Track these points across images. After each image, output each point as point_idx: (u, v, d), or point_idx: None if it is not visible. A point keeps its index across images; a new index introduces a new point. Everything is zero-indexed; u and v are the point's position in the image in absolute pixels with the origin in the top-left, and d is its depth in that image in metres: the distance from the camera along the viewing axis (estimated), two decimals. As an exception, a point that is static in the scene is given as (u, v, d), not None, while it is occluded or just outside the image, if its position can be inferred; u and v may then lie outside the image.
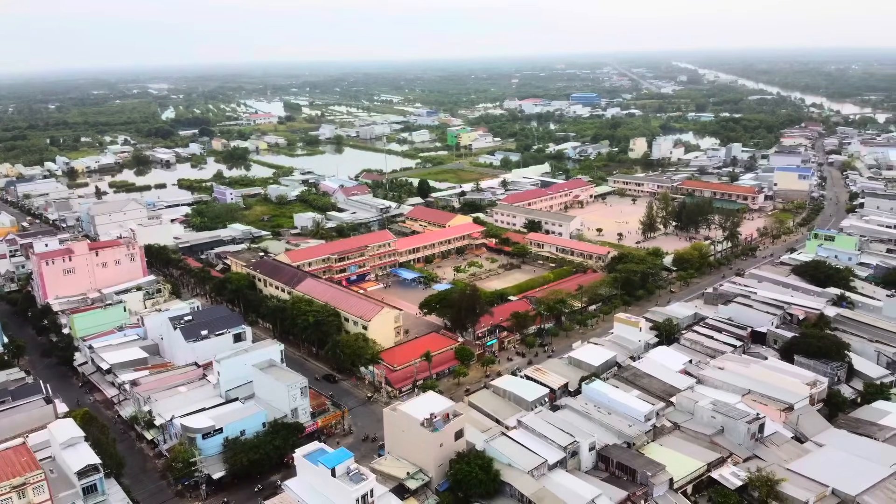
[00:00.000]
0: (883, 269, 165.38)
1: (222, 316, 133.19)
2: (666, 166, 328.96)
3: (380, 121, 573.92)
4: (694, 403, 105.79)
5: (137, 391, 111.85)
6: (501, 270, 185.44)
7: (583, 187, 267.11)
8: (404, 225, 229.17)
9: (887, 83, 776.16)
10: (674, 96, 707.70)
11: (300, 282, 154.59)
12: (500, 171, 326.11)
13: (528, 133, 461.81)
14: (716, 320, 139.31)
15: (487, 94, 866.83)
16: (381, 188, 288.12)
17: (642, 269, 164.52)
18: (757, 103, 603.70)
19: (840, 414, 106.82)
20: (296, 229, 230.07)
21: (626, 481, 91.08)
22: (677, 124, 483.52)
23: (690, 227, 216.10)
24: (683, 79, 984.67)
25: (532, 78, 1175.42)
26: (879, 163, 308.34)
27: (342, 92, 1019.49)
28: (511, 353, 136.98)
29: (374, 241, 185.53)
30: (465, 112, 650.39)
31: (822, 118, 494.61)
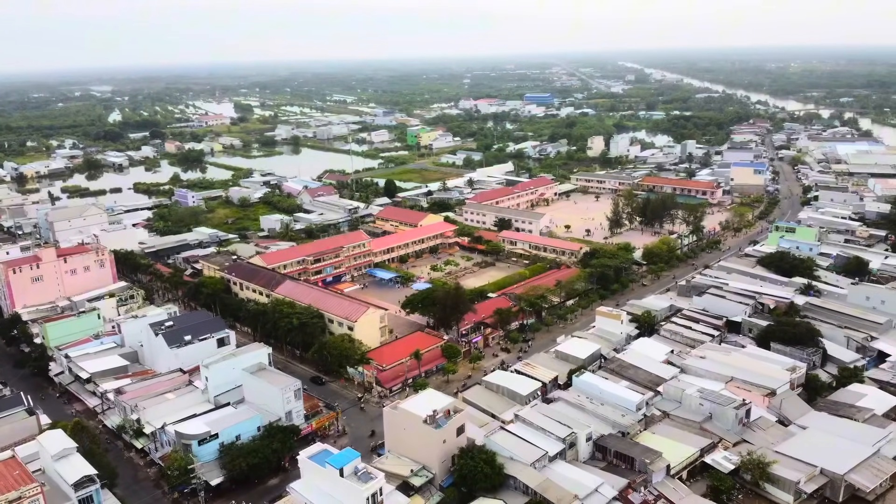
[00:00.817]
0: (843, 259, 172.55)
1: (204, 321, 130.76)
2: (624, 164, 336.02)
3: (336, 121, 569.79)
4: (682, 392, 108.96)
5: (123, 399, 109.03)
6: (477, 268, 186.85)
7: (547, 185, 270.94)
8: (375, 225, 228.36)
9: (827, 80, 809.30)
10: (624, 95, 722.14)
11: (279, 284, 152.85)
12: (463, 171, 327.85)
13: (488, 133, 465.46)
14: (692, 311, 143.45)
15: (441, 94, 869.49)
16: (346, 189, 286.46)
17: (615, 264, 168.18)
18: (705, 101, 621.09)
19: (818, 397, 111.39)
20: (263, 232, 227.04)
21: (624, 469, 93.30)
22: (630, 123, 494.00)
23: (655, 222, 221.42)
24: (631, 78, 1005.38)
25: (483, 78, 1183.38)
26: (828, 157, 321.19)
27: (293, 92, 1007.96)
28: (495, 350, 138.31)
29: (350, 242, 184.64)
30: (420, 112, 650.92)
31: (768, 115, 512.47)
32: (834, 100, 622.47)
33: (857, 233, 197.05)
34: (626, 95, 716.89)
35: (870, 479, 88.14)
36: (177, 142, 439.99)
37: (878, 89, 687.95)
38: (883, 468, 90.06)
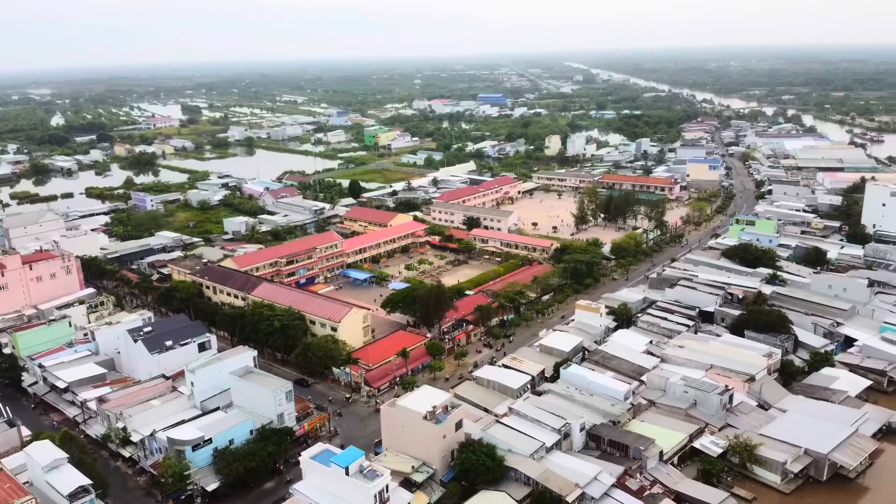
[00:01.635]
0: (802, 250, 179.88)
1: (184, 325, 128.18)
2: (582, 162, 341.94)
3: (289, 121, 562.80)
4: (665, 380, 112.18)
5: (107, 408, 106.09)
6: (450, 267, 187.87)
7: (511, 184, 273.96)
8: (342, 226, 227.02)
9: (766, 78, 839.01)
10: (574, 95, 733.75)
11: (255, 287, 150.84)
12: (425, 171, 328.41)
13: (446, 133, 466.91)
14: (665, 303, 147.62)
15: (393, 94, 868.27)
16: (309, 190, 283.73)
17: (587, 259, 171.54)
18: (653, 100, 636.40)
19: (794, 382, 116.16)
20: (227, 235, 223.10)
21: (618, 457, 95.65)
22: (583, 122, 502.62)
23: (618, 218, 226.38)
24: (579, 78, 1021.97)
25: (434, 79, 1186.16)
26: (776, 153, 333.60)
27: (241, 93, 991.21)
28: (478, 346, 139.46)
29: (322, 243, 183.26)
30: (375, 112, 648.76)
31: (715, 113, 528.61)
32: (775, 97, 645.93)
33: (812, 224, 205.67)
34: (576, 95, 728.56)
35: (852, 458, 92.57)
36: (126, 145, 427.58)
37: (816, 87, 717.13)
38: (863, 447, 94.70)
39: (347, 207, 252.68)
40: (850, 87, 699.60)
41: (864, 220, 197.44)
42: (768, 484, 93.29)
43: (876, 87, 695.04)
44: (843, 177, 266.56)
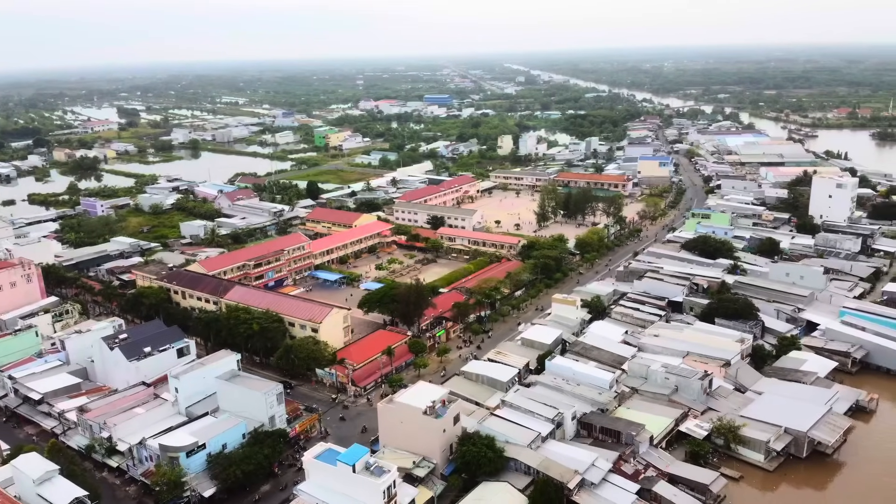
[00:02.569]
0: (756, 241, 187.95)
1: (160, 331, 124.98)
2: (534, 161, 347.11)
3: (233, 123, 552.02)
4: (647, 368, 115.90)
5: (88, 418, 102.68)
6: (419, 266, 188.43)
7: (470, 183, 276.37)
8: (304, 227, 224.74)
9: (701, 78, 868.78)
10: (518, 96, 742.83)
11: (227, 290, 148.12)
12: (381, 171, 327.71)
13: (397, 133, 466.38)
14: (635, 294, 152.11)
15: (336, 95, 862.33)
16: (265, 191, 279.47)
17: (555, 255, 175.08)
18: (595, 100, 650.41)
19: (765, 365, 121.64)
20: (185, 239, 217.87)
21: (611, 443, 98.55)
22: (530, 122, 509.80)
23: (577, 214, 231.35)
24: (521, 79, 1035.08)
25: (376, 79, 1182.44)
26: (719, 149, 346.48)
27: (178, 95, 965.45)
28: (457, 343, 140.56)
29: (289, 245, 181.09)
30: (321, 113, 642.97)
31: (656, 112, 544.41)
32: (711, 96, 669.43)
33: (763, 216, 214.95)
34: (520, 96, 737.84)
35: (829, 434, 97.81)
36: (66, 149, 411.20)
37: (749, 85, 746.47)
38: (838, 424, 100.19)
39: (307, 209, 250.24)
40: (781, 86, 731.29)
41: (812, 211, 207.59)
42: (752, 463, 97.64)
43: (805, 86, 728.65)
44: (785, 171, 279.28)
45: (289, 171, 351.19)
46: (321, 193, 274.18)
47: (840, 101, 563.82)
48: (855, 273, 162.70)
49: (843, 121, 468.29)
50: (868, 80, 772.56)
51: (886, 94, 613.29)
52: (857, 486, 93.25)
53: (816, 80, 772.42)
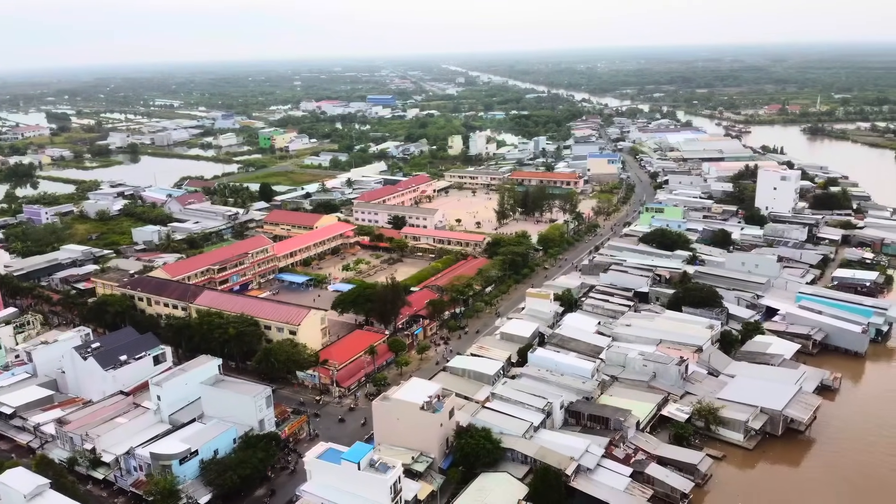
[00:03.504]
0: (709, 232, 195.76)
1: (134, 339, 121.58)
2: (485, 161, 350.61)
3: (172, 126, 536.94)
4: (624, 356, 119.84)
5: (69, 430, 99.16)
6: (385, 266, 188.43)
7: (427, 183, 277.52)
8: (262, 230, 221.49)
9: (635, 78, 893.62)
10: (460, 97, 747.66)
11: (196, 296, 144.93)
12: (333, 172, 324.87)
13: (344, 134, 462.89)
14: (603, 287, 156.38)
15: (274, 96, 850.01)
16: (216, 195, 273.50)
17: (521, 251, 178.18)
18: (536, 101, 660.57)
19: (733, 350, 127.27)
20: (138, 245, 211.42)
21: (599, 430, 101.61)
22: (476, 123, 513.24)
23: (535, 211, 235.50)
24: (461, 80, 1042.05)
25: (314, 80, 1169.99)
26: (661, 146, 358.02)
27: (108, 98, 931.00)
28: (434, 339, 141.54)
29: (253, 248, 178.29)
30: (261, 114, 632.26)
31: (597, 111, 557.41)
32: (646, 95, 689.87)
33: (712, 209, 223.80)
34: (461, 97, 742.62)
35: (802, 412, 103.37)
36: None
37: (681, 84, 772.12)
38: (810, 402, 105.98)
39: (262, 212, 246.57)
40: (712, 84, 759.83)
41: (758, 203, 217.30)
42: (732, 442, 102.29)
43: (734, 84, 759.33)
44: (727, 165, 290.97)
45: (236, 173, 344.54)
46: (274, 196, 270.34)
47: (769, 99, 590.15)
48: (805, 261, 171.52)
49: (774, 117, 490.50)
50: (793, 77, 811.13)
51: (812, 90, 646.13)
52: (828, 460, 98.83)
53: (745, 79, 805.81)
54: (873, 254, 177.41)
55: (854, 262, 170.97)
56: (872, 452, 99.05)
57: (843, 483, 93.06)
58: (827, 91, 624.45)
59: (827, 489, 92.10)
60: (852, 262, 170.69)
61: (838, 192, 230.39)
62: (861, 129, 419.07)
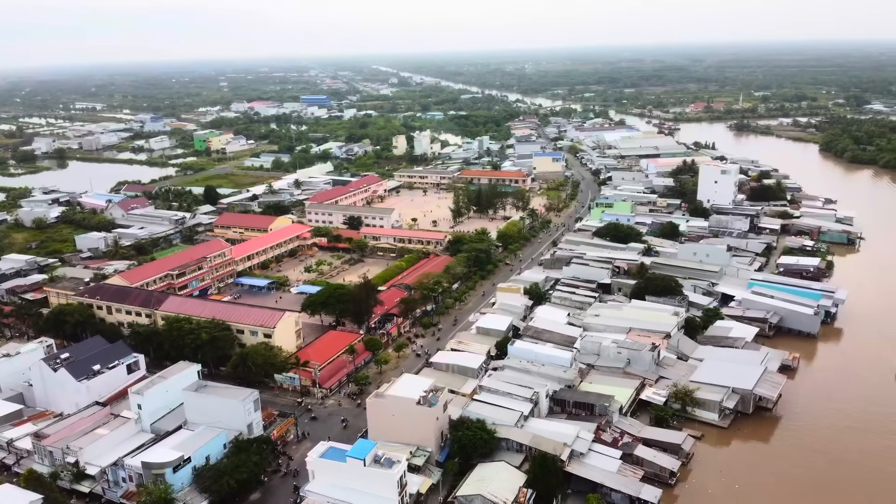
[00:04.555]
0: (657, 225, 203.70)
1: (104, 348, 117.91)
2: (431, 160, 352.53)
3: (99, 130, 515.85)
4: (599, 345, 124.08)
5: (48, 444, 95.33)
6: (347, 266, 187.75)
7: (378, 183, 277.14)
8: (212, 234, 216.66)
9: (564, 79, 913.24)
10: (395, 97, 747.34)
11: (161, 302, 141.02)
12: (277, 174, 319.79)
13: (283, 135, 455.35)
14: (567, 280, 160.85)
15: (202, 97, 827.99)
16: (158, 199, 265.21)
17: (484, 247, 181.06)
18: (472, 101, 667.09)
19: (697, 335, 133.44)
20: (83, 252, 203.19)
21: (584, 416, 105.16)
22: (415, 123, 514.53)
23: (488, 209, 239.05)
24: (395, 81, 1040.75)
25: (241, 81, 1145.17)
26: (599, 144, 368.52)
27: (25, 102, 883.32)
28: (410, 337, 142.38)
29: (211, 252, 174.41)
30: (191, 116, 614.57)
31: (532, 111, 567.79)
32: (577, 95, 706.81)
33: (657, 203, 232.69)
34: (397, 98, 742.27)
35: (771, 390, 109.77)
36: None
37: (609, 84, 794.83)
38: (776, 381, 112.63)
39: (209, 215, 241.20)
40: (637, 84, 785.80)
41: (700, 196, 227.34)
42: (708, 422, 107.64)
43: (659, 83, 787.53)
44: (664, 162, 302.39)
45: (175, 177, 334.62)
46: (220, 199, 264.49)
47: (694, 97, 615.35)
48: (750, 249, 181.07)
49: (700, 115, 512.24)
50: (713, 76, 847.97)
51: (732, 88, 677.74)
52: (797, 434, 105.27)
53: (668, 78, 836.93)
54: (812, 241, 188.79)
55: (795, 249, 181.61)
56: (835, 425, 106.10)
57: (812, 454, 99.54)
58: (747, 89, 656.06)
59: (798, 460, 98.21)
60: (794, 250, 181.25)
61: (773, 184, 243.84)
62: (783, 124, 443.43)
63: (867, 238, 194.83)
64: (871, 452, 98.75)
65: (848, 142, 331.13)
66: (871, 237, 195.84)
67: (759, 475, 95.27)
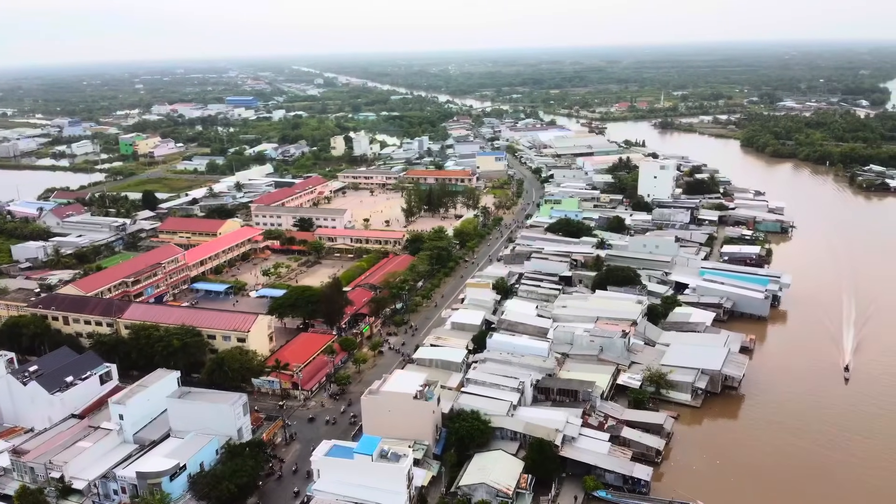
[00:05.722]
0: (604, 220, 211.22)
1: (73, 359, 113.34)
2: (371, 161, 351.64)
3: (13, 136, 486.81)
4: (572, 334, 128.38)
5: (28, 461, 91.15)
6: (305, 268, 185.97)
7: (323, 184, 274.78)
8: (157, 240, 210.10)
9: (490, 80, 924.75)
10: (324, 98, 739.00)
11: (124, 310, 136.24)
12: (215, 177, 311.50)
13: (213, 137, 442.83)
14: (530, 274, 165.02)
15: (118, 101, 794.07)
16: (94, 206, 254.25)
17: (444, 245, 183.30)
18: (402, 102, 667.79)
19: (660, 321, 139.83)
20: (21, 263, 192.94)
21: (568, 402, 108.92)
22: (349, 123, 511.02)
23: (439, 208, 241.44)
24: (320, 82, 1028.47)
25: (157, 83, 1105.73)
26: (535, 144, 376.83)
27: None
28: (383, 335, 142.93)
29: (165, 258, 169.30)
30: (110, 120, 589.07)
31: (464, 111, 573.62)
32: (505, 96, 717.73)
33: (601, 199, 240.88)
34: (326, 98, 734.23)
35: (737, 370, 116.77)
36: None
37: (533, 85, 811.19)
38: (740, 361, 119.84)
39: (149, 221, 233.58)
40: (561, 85, 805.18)
41: (641, 191, 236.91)
42: (681, 402, 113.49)
43: (581, 84, 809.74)
44: (599, 159, 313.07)
45: (104, 183, 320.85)
46: (158, 203, 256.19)
47: (617, 97, 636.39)
48: (695, 240, 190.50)
49: (625, 114, 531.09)
50: (631, 77, 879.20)
51: (651, 88, 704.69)
52: (763, 409, 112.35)
53: (590, 79, 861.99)
54: (749, 231, 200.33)
55: (735, 238, 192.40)
56: (795, 399, 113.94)
57: (779, 427, 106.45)
58: (665, 88, 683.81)
59: (767, 435, 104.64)
60: (734, 239, 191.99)
61: (707, 178, 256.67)
62: (704, 122, 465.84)
63: (798, 227, 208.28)
64: (831, 421, 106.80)
65: (769, 137, 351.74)
66: (801, 226, 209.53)
67: (735, 450, 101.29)
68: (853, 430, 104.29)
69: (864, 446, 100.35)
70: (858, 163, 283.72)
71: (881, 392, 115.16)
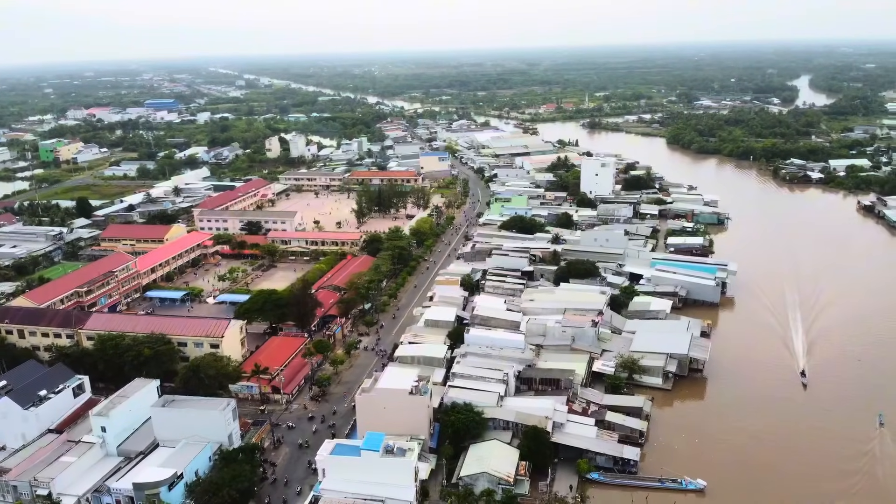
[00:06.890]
0: (554, 216, 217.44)
1: (43, 372, 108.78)
2: (310, 163, 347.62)
3: None
4: (544, 326, 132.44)
5: (12, 478, 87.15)
6: (261, 272, 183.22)
7: (266, 186, 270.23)
8: (98, 248, 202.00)
9: (417, 82, 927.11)
10: (248, 100, 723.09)
11: (84, 321, 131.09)
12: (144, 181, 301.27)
13: (138, 141, 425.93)
14: (494, 270, 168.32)
15: (28, 106, 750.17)
16: (24, 215, 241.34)
17: (405, 244, 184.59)
18: (332, 103, 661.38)
19: (622, 310, 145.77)
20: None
21: (550, 391, 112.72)
22: (279, 125, 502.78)
23: (389, 208, 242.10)
24: (242, 83, 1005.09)
25: (67, 87, 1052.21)
26: (473, 144, 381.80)
27: None
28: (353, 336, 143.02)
29: (116, 266, 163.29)
30: (23, 126, 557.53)
31: (396, 113, 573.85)
32: (434, 98, 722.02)
33: (547, 196, 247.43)
34: (250, 100, 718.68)
35: (702, 353, 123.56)
36: None
37: (460, 87, 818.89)
38: (704, 345, 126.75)
39: (87, 229, 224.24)
40: (487, 87, 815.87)
41: (583, 188, 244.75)
42: (654, 386, 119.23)
43: (506, 86, 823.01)
44: (536, 159, 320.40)
45: (29, 191, 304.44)
46: (94, 211, 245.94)
47: (543, 99, 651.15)
48: (640, 233, 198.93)
49: (554, 114, 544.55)
50: (553, 79, 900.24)
51: (574, 89, 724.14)
52: (728, 388, 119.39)
53: (514, 82, 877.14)
54: (689, 223, 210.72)
55: (677, 231, 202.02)
56: (755, 378, 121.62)
57: (745, 404, 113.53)
58: (588, 90, 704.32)
59: (736, 412, 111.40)
60: (676, 231, 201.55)
61: (643, 175, 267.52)
62: (630, 121, 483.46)
63: (732, 218, 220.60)
64: (790, 396, 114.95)
65: (693, 135, 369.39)
66: (735, 217, 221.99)
67: (709, 429, 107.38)
68: (812, 401, 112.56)
69: (825, 417, 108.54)
70: (780, 157, 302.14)
71: (831, 366, 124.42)
